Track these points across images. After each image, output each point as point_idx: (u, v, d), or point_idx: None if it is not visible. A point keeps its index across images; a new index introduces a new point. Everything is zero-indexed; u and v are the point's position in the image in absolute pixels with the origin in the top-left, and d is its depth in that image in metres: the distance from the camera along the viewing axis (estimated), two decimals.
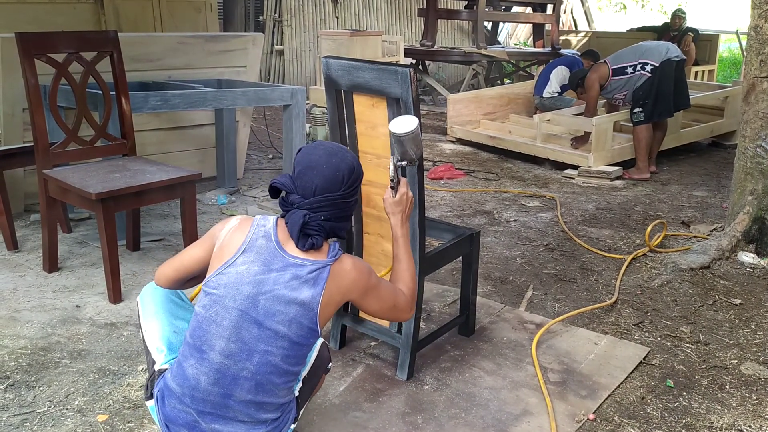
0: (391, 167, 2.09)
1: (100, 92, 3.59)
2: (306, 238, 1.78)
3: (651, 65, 5.56)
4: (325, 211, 1.80)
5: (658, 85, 5.53)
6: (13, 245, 3.74)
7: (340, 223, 1.85)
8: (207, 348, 1.75)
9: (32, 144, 3.46)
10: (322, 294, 1.75)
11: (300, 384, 1.92)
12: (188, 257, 1.96)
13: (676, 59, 5.57)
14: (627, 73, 5.68)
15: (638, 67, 5.62)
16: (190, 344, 1.79)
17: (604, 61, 5.89)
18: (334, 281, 1.77)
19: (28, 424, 2.23)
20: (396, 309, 1.95)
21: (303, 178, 1.82)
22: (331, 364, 2.09)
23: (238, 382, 1.75)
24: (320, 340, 1.95)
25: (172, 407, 1.80)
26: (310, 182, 1.80)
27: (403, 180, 2.12)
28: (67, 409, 2.32)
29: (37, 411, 2.30)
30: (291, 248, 1.79)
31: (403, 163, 2.11)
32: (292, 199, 1.82)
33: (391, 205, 2.10)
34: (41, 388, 2.43)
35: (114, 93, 3.62)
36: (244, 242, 1.80)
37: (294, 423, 1.93)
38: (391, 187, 2.11)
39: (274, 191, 1.89)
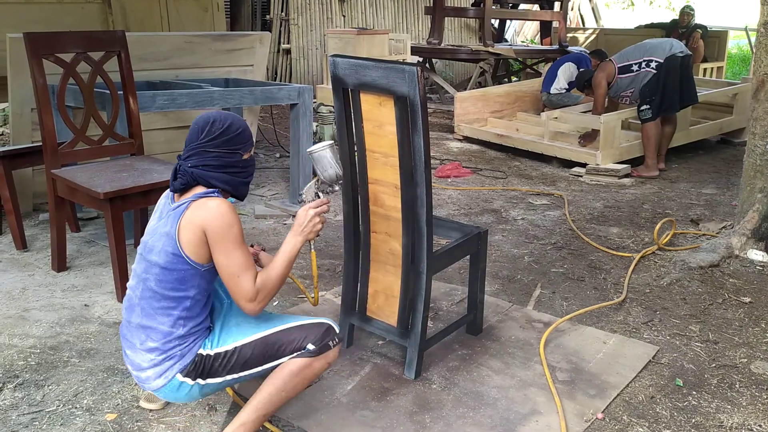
0: (312, 191, 2.24)
1: (108, 92, 3.60)
2: (175, 180, 2.06)
3: (656, 62, 5.55)
4: (192, 159, 2.04)
5: (664, 81, 5.52)
6: (22, 244, 3.76)
7: (209, 173, 2.03)
8: (128, 288, 2.13)
9: (41, 143, 3.47)
10: (179, 221, 1.97)
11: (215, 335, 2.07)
12: None
13: (681, 54, 5.55)
14: (633, 71, 5.67)
15: (643, 64, 5.61)
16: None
17: (611, 60, 5.87)
18: (192, 212, 1.97)
19: (37, 423, 2.24)
20: (238, 284, 1.97)
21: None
22: (312, 347, 2.04)
23: (134, 309, 2.06)
24: (291, 322, 2.08)
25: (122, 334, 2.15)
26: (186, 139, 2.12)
27: (317, 201, 2.18)
28: (76, 408, 2.33)
29: (46, 410, 2.31)
30: (177, 199, 2.07)
31: (323, 187, 2.23)
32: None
33: (302, 216, 2.15)
34: (50, 387, 2.44)
35: (122, 92, 3.63)
36: (157, 206, 2.15)
37: (183, 373, 2.01)
38: (300, 202, 2.24)
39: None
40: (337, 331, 2.10)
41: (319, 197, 2.22)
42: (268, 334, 2.06)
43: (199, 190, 2.04)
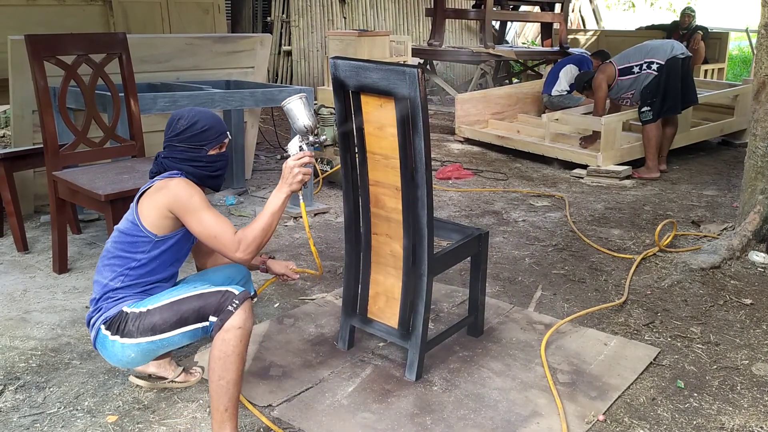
0: (295, 145, 2.28)
1: (109, 94, 3.60)
2: (152, 168, 2.29)
3: (657, 64, 5.55)
4: (165, 151, 2.26)
5: (666, 82, 5.52)
6: (24, 246, 3.76)
7: (176, 164, 2.23)
8: None
9: (42, 145, 3.48)
10: (141, 195, 2.21)
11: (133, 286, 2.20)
12: None
13: (682, 56, 5.56)
14: (634, 73, 5.67)
15: (644, 66, 5.62)
16: None
17: (611, 62, 5.88)
18: (155, 190, 2.18)
19: (38, 425, 2.24)
20: (219, 241, 2.12)
21: None
22: (213, 318, 2.07)
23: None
24: (193, 291, 2.14)
25: None
26: None
27: (298, 154, 2.24)
28: (77, 410, 2.33)
29: (48, 412, 2.31)
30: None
31: (304, 140, 2.27)
32: None
33: (286, 171, 2.23)
34: (51, 389, 2.44)
35: (123, 94, 3.63)
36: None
37: (105, 325, 2.15)
38: (286, 156, 2.29)
39: None
40: (237, 293, 2.08)
41: (302, 150, 2.27)
42: (171, 301, 2.14)
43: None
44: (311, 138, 2.29)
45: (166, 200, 2.14)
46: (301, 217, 4.45)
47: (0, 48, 4.06)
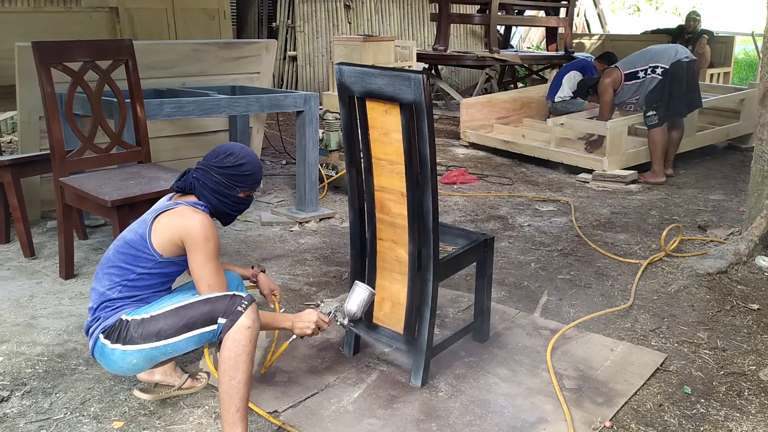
0: (332, 308, 2.45)
1: (116, 100, 3.61)
2: (179, 180, 2.32)
3: (661, 68, 5.55)
4: (198, 172, 2.30)
5: (670, 86, 5.51)
6: (30, 252, 3.77)
7: (203, 191, 2.28)
8: None
9: (49, 152, 3.49)
10: (157, 216, 2.21)
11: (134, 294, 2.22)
12: None
13: (686, 60, 5.55)
14: (638, 78, 5.67)
15: (649, 70, 5.61)
16: None
17: (616, 66, 5.87)
18: (177, 215, 2.20)
19: (44, 430, 2.25)
20: (209, 290, 2.17)
21: None
22: (223, 320, 2.09)
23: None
24: (200, 296, 2.18)
25: None
26: None
27: (327, 319, 2.40)
28: (83, 415, 2.33)
29: (54, 418, 2.32)
30: (173, 198, 2.33)
31: (341, 315, 2.43)
32: None
33: (308, 314, 2.36)
34: (58, 395, 2.45)
35: (129, 101, 3.65)
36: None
37: (104, 334, 2.16)
38: (316, 305, 2.48)
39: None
40: (244, 295, 2.13)
41: (330, 316, 2.43)
42: (176, 307, 2.16)
43: (194, 199, 2.29)
44: (346, 321, 2.44)
45: (183, 229, 2.16)
46: (306, 222, 4.45)
47: (7, 55, 4.08)
